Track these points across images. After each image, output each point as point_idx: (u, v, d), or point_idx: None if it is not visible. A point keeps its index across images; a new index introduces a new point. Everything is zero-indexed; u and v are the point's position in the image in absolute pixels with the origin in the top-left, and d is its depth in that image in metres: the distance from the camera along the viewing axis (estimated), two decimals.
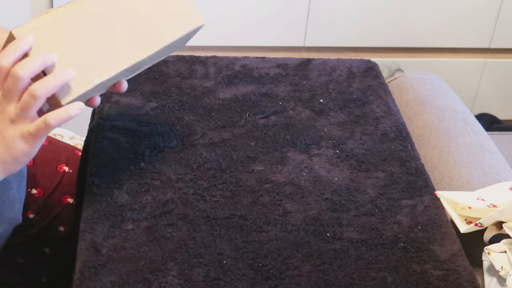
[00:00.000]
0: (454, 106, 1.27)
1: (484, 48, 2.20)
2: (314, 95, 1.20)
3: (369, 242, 0.92)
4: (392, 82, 1.35)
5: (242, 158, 1.04)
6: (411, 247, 0.92)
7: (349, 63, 1.30)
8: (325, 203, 0.98)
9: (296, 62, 1.29)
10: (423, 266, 0.89)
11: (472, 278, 0.88)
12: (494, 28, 2.15)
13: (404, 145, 1.10)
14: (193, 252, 0.88)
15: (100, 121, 1.09)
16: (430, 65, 2.16)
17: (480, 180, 1.08)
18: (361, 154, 1.07)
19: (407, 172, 1.04)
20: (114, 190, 0.95)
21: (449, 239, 0.93)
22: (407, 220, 0.96)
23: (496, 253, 0.92)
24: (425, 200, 0.99)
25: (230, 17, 2.04)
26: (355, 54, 2.10)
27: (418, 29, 2.13)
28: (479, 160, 1.13)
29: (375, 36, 2.13)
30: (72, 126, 1.93)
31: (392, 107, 1.19)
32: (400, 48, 2.17)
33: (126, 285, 0.84)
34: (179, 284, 0.84)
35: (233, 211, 0.94)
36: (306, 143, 1.08)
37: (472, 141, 1.17)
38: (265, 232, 0.92)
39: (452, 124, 1.21)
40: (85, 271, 0.85)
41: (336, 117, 1.15)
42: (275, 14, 2.05)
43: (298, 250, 0.90)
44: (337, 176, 1.02)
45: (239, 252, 0.89)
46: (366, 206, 0.97)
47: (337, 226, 0.94)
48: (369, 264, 0.89)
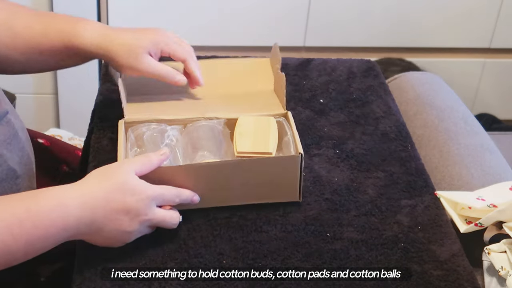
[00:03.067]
0: (454, 106, 1.27)
1: (484, 48, 2.20)
2: (314, 95, 1.20)
3: (369, 242, 0.92)
4: (392, 82, 1.35)
5: None
6: (411, 247, 0.92)
7: (349, 63, 1.30)
8: (325, 203, 0.98)
9: (296, 62, 1.29)
10: (423, 266, 0.89)
11: (472, 278, 0.88)
12: (494, 28, 2.15)
13: (404, 145, 1.10)
14: (193, 252, 0.88)
15: (100, 121, 1.09)
16: (430, 65, 2.16)
17: (480, 180, 1.08)
18: (361, 154, 1.07)
19: (407, 172, 1.04)
20: None
21: (449, 239, 0.93)
22: (407, 220, 0.96)
23: (496, 253, 0.92)
24: (425, 200, 0.99)
25: (230, 17, 2.04)
26: (355, 54, 2.10)
27: (418, 29, 2.13)
28: (479, 160, 1.13)
29: (375, 36, 2.13)
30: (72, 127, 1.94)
31: (392, 107, 1.19)
32: (400, 48, 2.16)
33: (126, 285, 0.84)
34: (179, 284, 0.84)
35: (233, 211, 0.94)
36: (306, 143, 1.08)
37: (472, 141, 1.17)
38: (265, 232, 0.92)
39: (452, 124, 1.21)
40: (85, 271, 0.85)
41: (336, 117, 1.15)
42: (275, 14, 2.05)
43: (298, 250, 0.90)
44: (337, 176, 1.02)
45: (239, 252, 0.89)
46: (366, 206, 0.97)
47: (337, 226, 0.94)
48: (369, 264, 0.89)
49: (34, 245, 0.79)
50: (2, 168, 0.90)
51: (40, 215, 0.78)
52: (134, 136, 0.97)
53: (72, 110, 2.07)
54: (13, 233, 0.77)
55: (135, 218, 0.83)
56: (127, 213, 0.82)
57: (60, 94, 2.06)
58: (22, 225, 0.77)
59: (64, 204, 0.80)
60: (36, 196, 0.81)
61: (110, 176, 0.83)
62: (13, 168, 0.91)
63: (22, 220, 0.77)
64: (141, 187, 0.83)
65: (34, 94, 2.09)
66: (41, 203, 0.79)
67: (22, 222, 0.77)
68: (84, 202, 0.80)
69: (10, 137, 0.93)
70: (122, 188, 0.82)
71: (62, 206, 0.79)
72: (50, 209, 0.79)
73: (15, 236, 0.77)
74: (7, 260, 0.79)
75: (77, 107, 2.02)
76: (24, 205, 0.79)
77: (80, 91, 2.03)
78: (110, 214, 0.82)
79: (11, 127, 0.93)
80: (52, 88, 2.08)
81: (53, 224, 0.79)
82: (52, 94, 2.09)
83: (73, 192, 0.81)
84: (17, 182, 0.92)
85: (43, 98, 2.10)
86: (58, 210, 0.79)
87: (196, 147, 0.97)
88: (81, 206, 0.80)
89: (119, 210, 0.82)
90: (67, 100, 2.07)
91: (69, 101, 2.07)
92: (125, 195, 0.82)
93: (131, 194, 0.82)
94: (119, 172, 0.84)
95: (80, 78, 2.00)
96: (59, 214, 0.79)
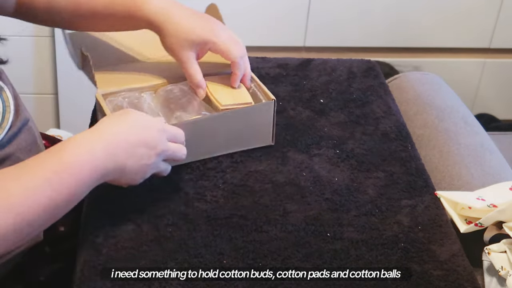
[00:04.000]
0: (454, 106, 1.27)
1: (484, 48, 2.20)
2: (314, 95, 1.20)
3: (369, 242, 0.92)
4: (392, 82, 1.35)
5: (242, 158, 1.04)
6: (411, 247, 0.92)
7: (349, 63, 1.30)
8: (326, 203, 0.98)
9: (297, 62, 1.29)
10: (423, 266, 0.89)
11: (472, 278, 0.88)
12: (494, 28, 2.15)
13: (404, 145, 1.10)
14: (193, 252, 0.88)
15: None
16: (430, 65, 2.16)
17: (480, 180, 1.08)
18: (361, 154, 1.07)
19: (407, 172, 1.04)
20: (114, 190, 0.95)
21: (449, 239, 0.93)
22: (407, 220, 0.96)
23: (496, 253, 0.92)
24: (425, 200, 0.99)
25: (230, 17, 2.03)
26: (355, 54, 2.10)
27: (418, 29, 2.13)
28: (479, 160, 1.13)
29: (375, 36, 2.13)
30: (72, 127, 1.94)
31: (392, 107, 1.19)
32: (400, 48, 2.16)
33: (126, 285, 0.84)
34: (179, 284, 0.84)
35: (234, 211, 0.94)
36: (307, 143, 1.08)
37: (472, 141, 1.17)
38: (265, 232, 0.92)
39: (452, 124, 1.21)
40: (85, 271, 0.85)
41: (337, 117, 1.15)
42: (275, 14, 2.05)
43: (298, 250, 0.90)
44: (337, 176, 1.02)
45: (239, 252, 0.89)
46: (366, 206, 0.97)
47: (337, 226, 0.94)
48: (369, 264, 0.89)
49: (74, 194, 0.83)
50: None
51: (72, 163, 0.82)
52: (112, 107, 1.03)
53: (72, 110, 2.07)
54: (54, 186, 0.81)
55: (153, 150, 0.89)
56: (145, 145, 0.88)
57: (60, 94, 2.06)
58: (60, 176, 0.81)
59: (91, 149, 0.84)
60: (64, 147, 0.84)
61: (123, 117, 0.90)
62: None
63: (58, 172, 0.81)
64: (153, 121, 0.91)
65: (34, 94, 2.09)
66: (70, 152, 0.83)
67: (58, 173, 0.81)
68: (108, 143, 0.86)
69: (31, 144, 0.95)
70: (137, 124, 0.89)
71: (89, 151, 0.84)
72: (80, 157, 0.83)
73: (55, 188, 0.81)
74: (54, 213, 0.82)
75: (77, 107, 2.02)
76: (56, 158, 0.82)
77: (80, 91, 2.03)
78: (131, 148, 0.87)
79: (31, 134, 0.96)
80: (52, 88, 2.08)
81: (84, 170, 0.83)
82: (52, 94, 2.09)
83: (94, 135, 0.86)
84: None
85: (43, 98, 2.10)
86: (86, 156, 0.83)
87: (173, 109, 1.04)
88: (105, 147, 0.85)
89: (138, 143, 0.88)
90: (67, 100, 2.07)
91: (69, 101, 2.07)
92: (141, 129, 0.89)
93: (146, 127, 0.90)
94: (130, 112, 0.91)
95: (80, 78, 1.99)
96: (88, 159, 0.83)
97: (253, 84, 1.07)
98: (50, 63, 2.03)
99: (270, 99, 1.03)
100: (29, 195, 0.79)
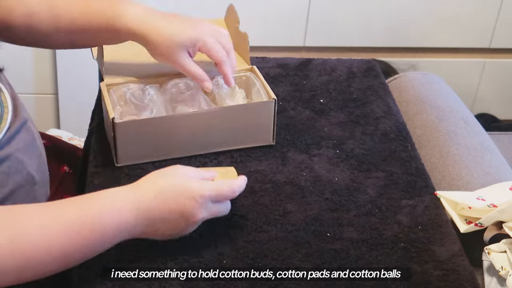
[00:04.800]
0: (454, 106, 1.27)
1: (484, 48, 2.20)
2: (314, 95, 1.20)
3: (369, 242, 0.92)
4: (392, 82, 1.35)
5: (242, 157, 1.04)
6: (411, 247, 0.92)
7: (349, 63, 1.30)
8: (325, 203, 0.98)
9: (296, 62, 1.29)
10: (423, 266, 0.89)
11: (472, 278, 0.88)
12: (494, 28, 2.15)
13: (404, 145, 1.10)
14: (193, 252, 0.88)
15: (100, 122, 1.09)
16: (430, 65, 2.16)
17: (480, 180, 1.08)
18: (361, 154, 1.07)
19: (407, 172, 1.04)
20: None
21: (449, 239, 0.93)
22: (407, 220, 0.96)
23: (496, 253, 0.92)
24: (425, 200, 0.99)
25: None
26: (355, 54, 2.10)
27: (418, 29, 2.13)
28: (479, 160, 1.13)
29: (375, 36, 2.13)
30: (72, 127, 1.94)
31: (392, 107, 1.19)
32: (400, 48, 2.16)
33: (126, 285, 0.84)
34: (179, 284, 0.84)
35: (234, 211, 0.94)
36: (307, 143, 1.08)
37: (472, 141, 1.17)
38: (265, 232, 0.92)
39: (452, 124, 1.21)
40: (85, 271, 0.85)
41: (336, 117, 1.15)
42: (275, 14, 2.05)
43: (298, 250, 0.90)
44: (337, 176, 1.02)
45: (239, 252, 0.89)
46: (366, 206, 0.97)
47: (337, 226, 0.94)
48: (369, 264, 0.89)
49: (91, 249, 0.81)
50: (22, 174, 0.91)
51: (96, 221, 0.79)
52: (116, 97, 1.03)
53: (72, 110, 2.07)
54: (71, 238, 0.78)
55: (190, 218, 0.84)
56: (181, 215, 0.83)
57: (60, 94, 2.06)
58: (79, 230, 0.78)
59: (119, 209, 0.80)
60: (90, 201, 0.81)
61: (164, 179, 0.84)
62: (32, 175, 0.93)
63: (78, 225, 0.78)
64: (192, 188, 0.83)
65: (34, 94, 2.09)
66: (95, 208, 0.80)
67: (78, 227, 0.78)
68: (138, 207, 0.81)
69: (30, 145, 0.94)
70: (176, 189, 0.83)
71: (116, 211, 0.80)
72: (105, 215, 0.80)
73: (72, 240, 0.78)
74: (65, 263, 0.80)
75: (77, 107, 2.03)
76: (80, 211, 0.80)
77: (80, 91, 2.03)
78: (165, 215, 0.82)
79: (30, 134, 0.95)
80: (52, 88, 2.08)
81: (108, 229, 0.80)
82: (52, 94, 2.09)
83: (127, 196, 0.82)
84: (35, 189, 0.94)
85: (43, 98, 2.10)
86: (112, 216, 0.80)
87: (175, 102, 1.05)
88: (135, 211, 0.81)
89: (173, 211, 0.83)
90: (67, 100, 2.07)
91: (69, 101, 2.07)
92: (179, 196, 0.83)
93: (184, 194, 0.83)
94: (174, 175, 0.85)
95: (80, 78, 2.00)
96: (114, 220, 0.80)
97: (257, 83, 1.07)
98: (50, 63, 2.03)
99: (271, 98, 1.03)
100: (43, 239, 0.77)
